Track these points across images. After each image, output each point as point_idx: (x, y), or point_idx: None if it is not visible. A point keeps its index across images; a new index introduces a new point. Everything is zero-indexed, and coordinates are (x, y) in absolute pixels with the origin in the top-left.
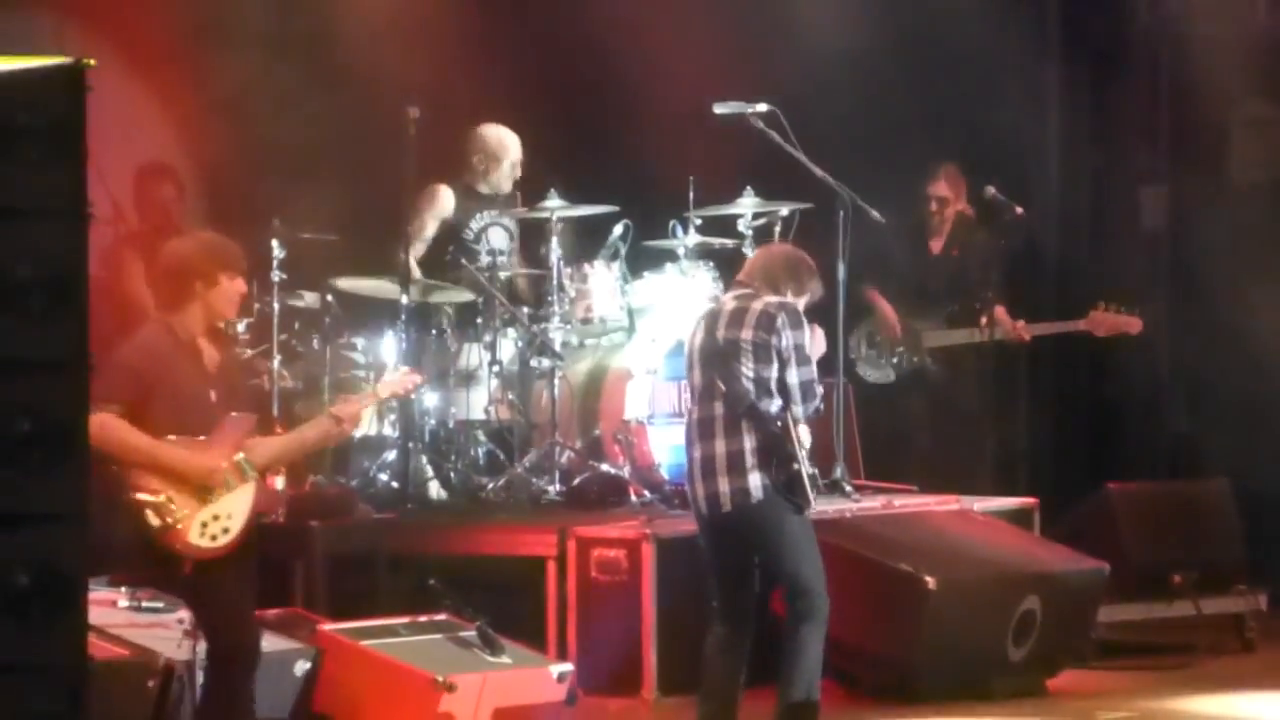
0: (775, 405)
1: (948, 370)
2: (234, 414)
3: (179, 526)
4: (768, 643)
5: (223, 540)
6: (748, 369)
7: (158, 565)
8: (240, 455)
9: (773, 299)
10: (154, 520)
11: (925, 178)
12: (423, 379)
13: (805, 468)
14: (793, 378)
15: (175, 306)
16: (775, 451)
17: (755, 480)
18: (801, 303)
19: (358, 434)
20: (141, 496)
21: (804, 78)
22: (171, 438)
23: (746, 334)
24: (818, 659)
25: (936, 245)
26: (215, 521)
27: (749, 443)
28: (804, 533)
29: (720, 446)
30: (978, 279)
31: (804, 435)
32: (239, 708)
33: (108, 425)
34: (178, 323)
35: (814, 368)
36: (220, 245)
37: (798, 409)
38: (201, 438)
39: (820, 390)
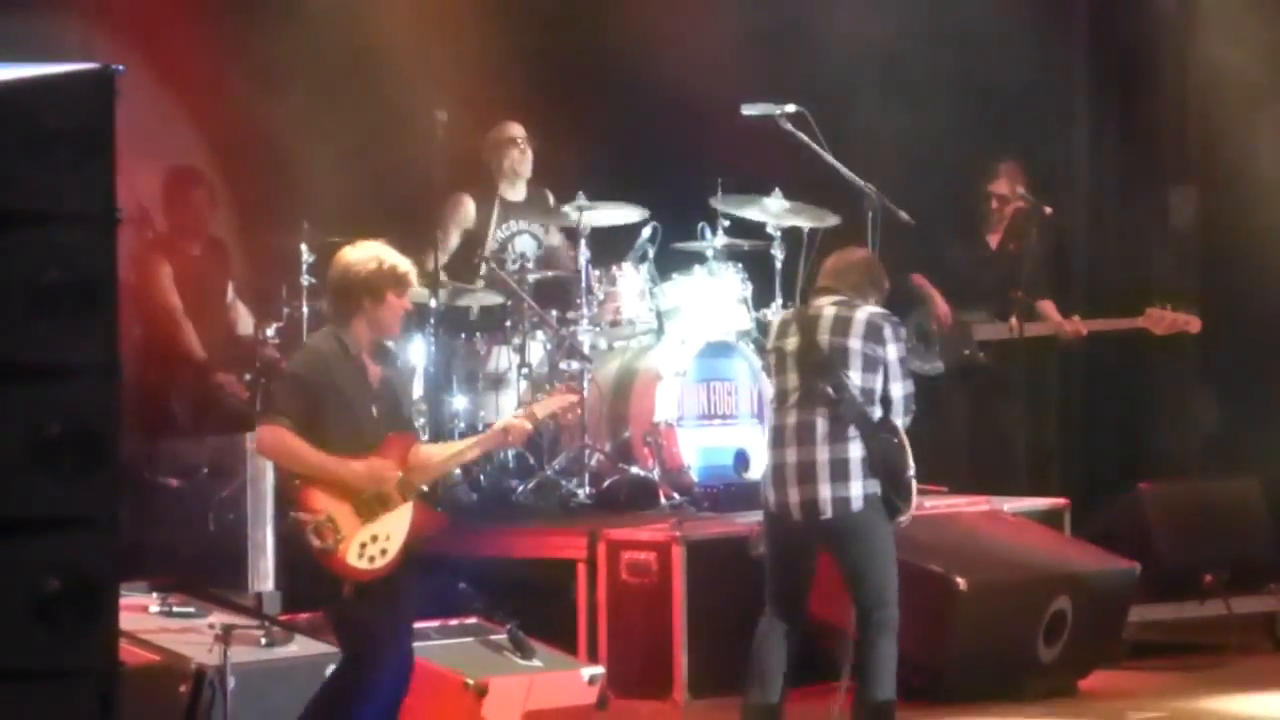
0: (876, 415)
1: (997, 364)
2: (397, 432)
3: (339, 548)
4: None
5: (380, 562)
6: (855, 378)
7: (317, 585)
8: (401, 474)
9: (875, 309)
10: (315, 541)
11: (986, 175)
12: (578, 397)
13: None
14: (897, 391)
15: (342, 319)
16: (890, 460)
17: (858, 489)
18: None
19: None
20: (303, 516)
21: (832, 78)
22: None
23: (855, 343)
24: (894, 661)
25: (994, 240)
26: (374, 543)
27: (855, 451)
28: (891, 544)
29: (823, 453)
30: (1032, 275)
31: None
32: None
33: (280, 437)
34: (346, 334)
35: (912, 382)
36: (389, 262)
37: (898, 421)
38: (365, 457)
39: (914, 406)
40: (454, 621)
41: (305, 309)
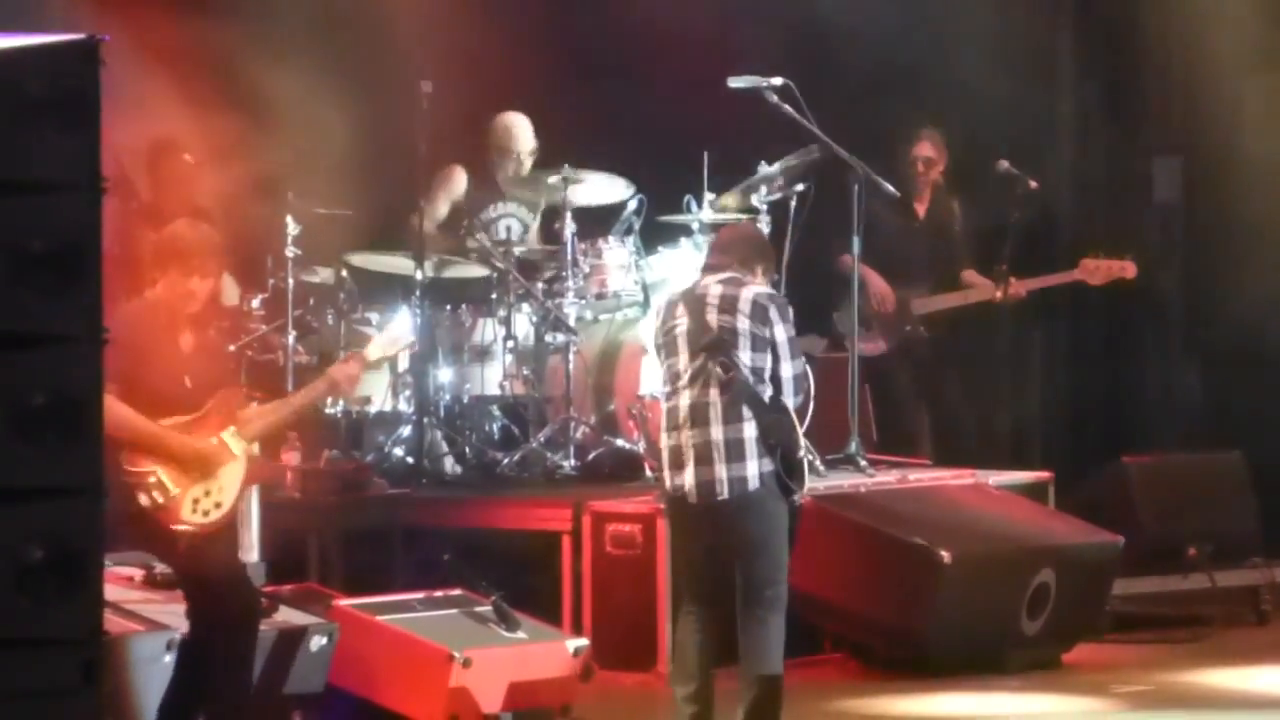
0: (767, 394)
1: (940, 337)
2: (222, 390)
3: (171, 504)
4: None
5: (215, 516)
6: (745, 357)
7: (153, 543)
8: (229, 430)
9: (761, 289)
10: (145, 499)
11: (908, 141)
12: (412, 339)
13: (806, 455)
14: (786, 371)
15: (153, 286)
16: (781, 438)
17: (754, 468)
18: (768, 283)
19: (372, 409)
20: (133, 474)
21: (814, 50)
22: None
23: (742, 323)
24: (783, 637)
25: (920, 209)
26: (206, 497)
27: (750, 430)
28: (785, 523)
29: (718, 433)
30: (960, 244)
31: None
32: (245, 673)
33: (108, 406)
34: (160, 302)
35: (804, 361)
36: (195, 243)
37: (788, 401)
38: (185, 418)
39: (809, 385)
40: (438, 593)
41: (290, 280)
